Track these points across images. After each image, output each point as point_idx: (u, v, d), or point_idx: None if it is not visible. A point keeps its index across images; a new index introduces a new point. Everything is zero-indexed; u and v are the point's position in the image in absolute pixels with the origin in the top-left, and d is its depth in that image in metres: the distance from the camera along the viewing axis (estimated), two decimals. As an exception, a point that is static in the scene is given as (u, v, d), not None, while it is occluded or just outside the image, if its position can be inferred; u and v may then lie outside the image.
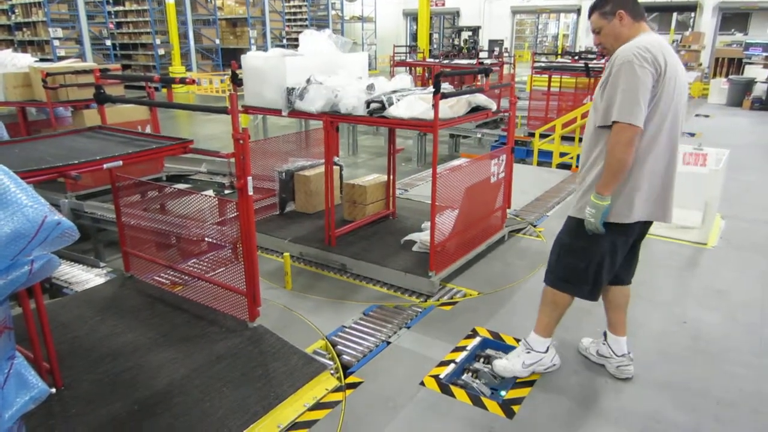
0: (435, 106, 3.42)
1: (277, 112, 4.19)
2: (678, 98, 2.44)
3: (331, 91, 3.94)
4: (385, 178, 4.91)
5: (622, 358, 2.80)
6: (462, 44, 20.57)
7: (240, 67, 4.38)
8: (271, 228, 4.61)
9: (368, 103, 3.81)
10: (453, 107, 3.74)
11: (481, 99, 3.93)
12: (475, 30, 22.15)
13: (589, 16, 2.62)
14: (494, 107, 4.05)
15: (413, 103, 3.67)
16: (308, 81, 4.06)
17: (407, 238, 4.24)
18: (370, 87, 3.93)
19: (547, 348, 2.82)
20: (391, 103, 3.72)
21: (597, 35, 2.59)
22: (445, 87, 3.59)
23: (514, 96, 4.51)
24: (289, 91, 4.06)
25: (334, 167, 4.76)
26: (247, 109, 4.44)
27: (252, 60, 4.34)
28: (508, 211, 4.77)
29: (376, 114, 3.79)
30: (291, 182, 5.00)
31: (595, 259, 2.57)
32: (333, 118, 3.98)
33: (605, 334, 2.88)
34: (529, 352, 2.81)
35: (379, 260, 3.96)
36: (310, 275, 4.03)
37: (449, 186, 3.83)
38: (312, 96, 3.95)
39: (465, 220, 3.97)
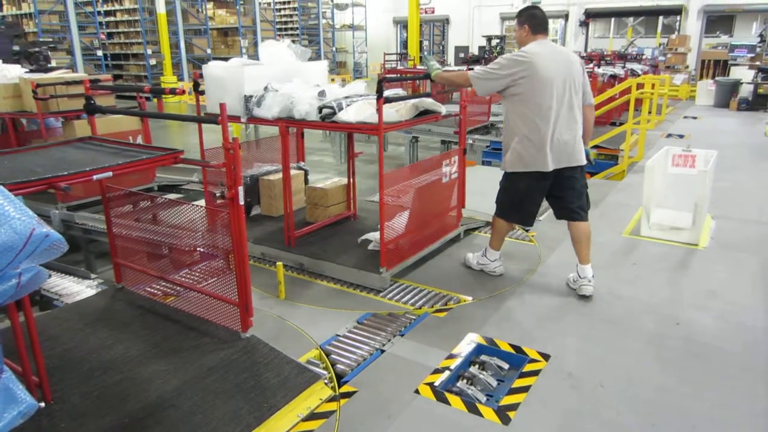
0: (379, 110, 3.62)
1: (236, 118, 4.30)
2: (551, 89, 3.46)
3: (287, 97, 4.06)
4: (345, 181, 5.11)
5: (583, 280, 3.72)
6: (492, 50, 23.18)
7: (202, 76, 4.50)
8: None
9: (320, 109, 3.94)
10: (399, 111, 3.98)
11: (427, 103, 4.18)
12: (502, 38, 25.46)
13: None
14: (443, 110, 4.30)
15: (361, 107, 3.86)
16: (266, 89, 4.20)
17: (363, 237, 4.39)
18: (322, 93, 4.06)
19: (495, 260, 4.03)
20: (341, 108, 3.87)
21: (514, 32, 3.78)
22: (399, 92, 4.03)
23: (464, 99, 4.77)
24: (247, 98, 4.20)
25: (300, 172, 5.23)
26: (232, 119, 4.52)
27: (213, 69, 4.44)
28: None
29: (328, 119, 3.91)
30: (256, 186, 5.13)
31: (517, 196, 3.75)
32: (288, 123, 4.12)
33: (577, 265, 3.78)
34: (483, 257, 4.08)
35: (334, 258, 4.14)
36: (303, 284, 4.01)
37: (399, 186, 4.10)
38: (269, 103, 4.08)
39: (416, 219, 4.17)
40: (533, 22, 3.62)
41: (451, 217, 4.76)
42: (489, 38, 24.09)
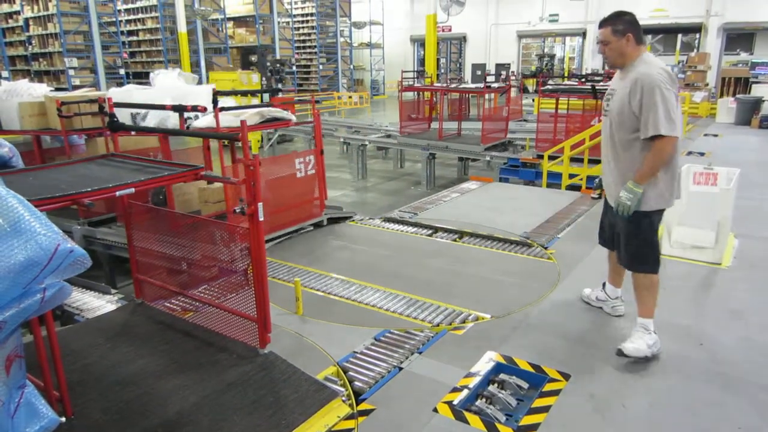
0: (216, 117, 4.55)
1: (127, 132, 5.22)
2: (679, 113, 3.00)
3: (162, 112, 4.99)
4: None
5: (615, 300, 3.61)
6: (543, 68, 26.58)
7: (105, 101, 5.47)
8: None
9: (186, 119, 4.82)
10: (244, 118, 4.74)
11: (274, 111, 5.10)
12: (551, 57, 28.71)
13: (601, 27, 3.12)
14: (293, 118, 5.33)
15: (211, 118, 4.80)
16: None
17: None
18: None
19: (653, 332, 3.17)
20: (197, 118, 4.92)
21: (604, 46, 3.12)
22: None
23: (315, 110, 5.75)
24: (134, 115, 5.09)
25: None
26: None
27: (114, 94, 5.39)
28: (524, 232, 5.03)
29: (190, 128, 4.93)
30: (163, 189, 5.39)
31: (655, 238, 3.18)
32: (163, 132, 4.89)
33: (604, 284, 3.66)
34: (649, 333, 3.13)
35: None
36: (320, 300, 4.01)
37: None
38: (149, 117, 5.07)
39: (268, 205, 4.61)
40: (638, 29, 3.04)
41: (315, 206, 5.69)
42: (541, 56, 27.58)
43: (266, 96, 15.45)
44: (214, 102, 4.54)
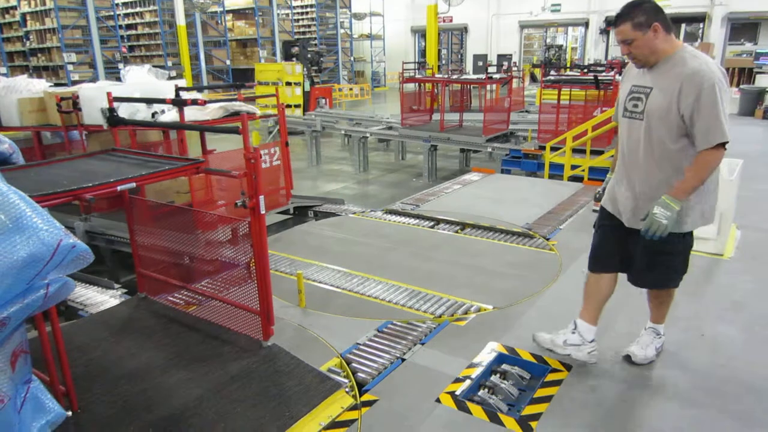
0: (180, 112, 4.74)
1: (100, 126, 5.32)
2: None
3: (132, 107, 5.26)
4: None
5: (591, 344, 2.93)
6: (552, 58, 27.92)
7: (78, 97, 5.68)
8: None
9: (153, 114, 5.17)
10: (208, 112, 5.19)
11: (236, 105, 5.37)
12: (559, 47, 30.37)
13: (617, 25, 2.60)
14: (257, 112, 5.49)
15: (174, 112, 5.03)
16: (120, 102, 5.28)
17: None
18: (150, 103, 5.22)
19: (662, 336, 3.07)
20: (163, 113, 5.25)
21: (627, 46, 2.59)
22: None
23: (280, 103, 6.00)
24: (103, 110, 5.16)
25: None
26: (88, 127, 5.62)
27: (86, 91, 5.64)
28: (526, 223, 5.02)
29: (158, 121, 5.18)
30: None
31: (689, 252, 2.80)
32: (134, 126, 5.15)
33: (575, 324, 2.98)
34: (659, 337, 3.03)
35: None
36: (323, 292, 4.02)
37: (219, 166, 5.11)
38: (121, 112, 4.92)
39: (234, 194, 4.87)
40: (663, 16, 2.55)
41: (281, 195, 5.93)
42: (549, 47, 28.44)
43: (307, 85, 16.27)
44: (177, 96, 4.76)
